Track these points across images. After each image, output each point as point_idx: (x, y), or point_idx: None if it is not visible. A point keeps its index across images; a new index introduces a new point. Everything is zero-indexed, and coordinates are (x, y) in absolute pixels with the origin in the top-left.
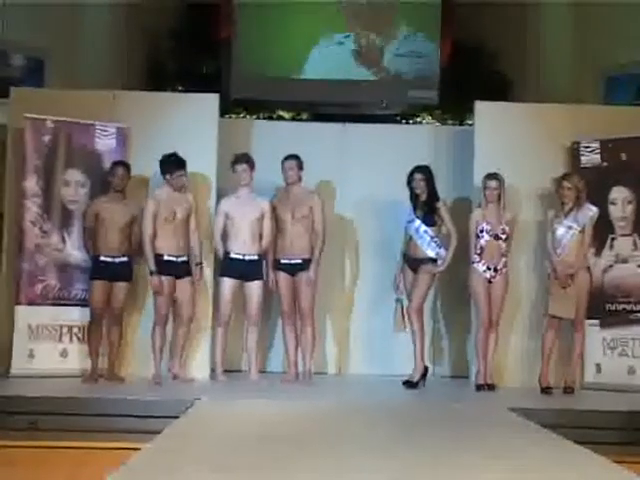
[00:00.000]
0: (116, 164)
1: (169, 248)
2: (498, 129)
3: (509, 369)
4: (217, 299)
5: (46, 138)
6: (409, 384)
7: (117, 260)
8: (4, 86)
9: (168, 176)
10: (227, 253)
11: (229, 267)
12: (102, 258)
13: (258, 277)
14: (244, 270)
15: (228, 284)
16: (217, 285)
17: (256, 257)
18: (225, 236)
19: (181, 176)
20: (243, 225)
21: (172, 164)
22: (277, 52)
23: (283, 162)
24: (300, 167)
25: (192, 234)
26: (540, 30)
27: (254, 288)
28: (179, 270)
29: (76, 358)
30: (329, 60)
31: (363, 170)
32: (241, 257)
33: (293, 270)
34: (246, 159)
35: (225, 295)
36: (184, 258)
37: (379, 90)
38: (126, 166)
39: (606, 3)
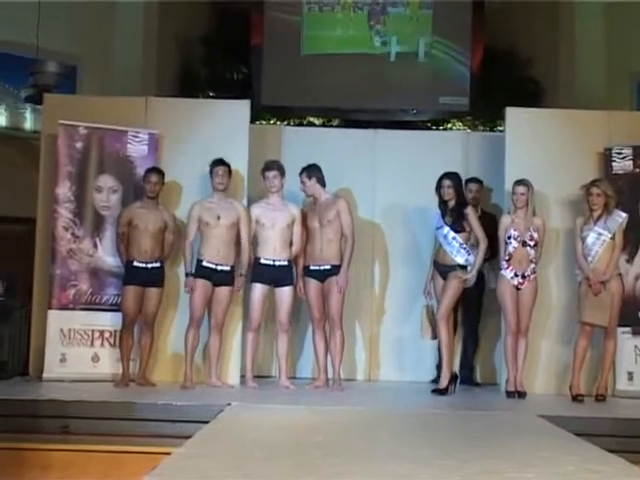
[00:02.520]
0: (150, 171)
1: (209, 255)
2: (529, 135)
3: (539, 376)
4: (247, 305)
5: (79, 144)
6: (438, 391)
7: (150, 266)
8: (38, 93)
9: (212, 176)
10: (257, 259)
11: (259, 273)
12: (135, 264)
13: (288, 283)
14: (274, 276)
15: (259, 290)
16: (247, 291)
17: (286, 263)
18: (255, 242)
19: (221, 175)
20: (274, 231)
21: (215, 162)
22: (307, 59)
23: (299, 174)
24: (309, 177)
25: (242, 244)
26: (573, 36)
27: (284, 294)
28: (216, 278)
29: (107, 363)
30: (360, 67)
31: (393, 176)
32: (271, 263)
33: (322, 276)
34: (277, 166)
35: (256, 301)
36: (224, 267)
37: (410, 96)
38: (160, 173)
39: None
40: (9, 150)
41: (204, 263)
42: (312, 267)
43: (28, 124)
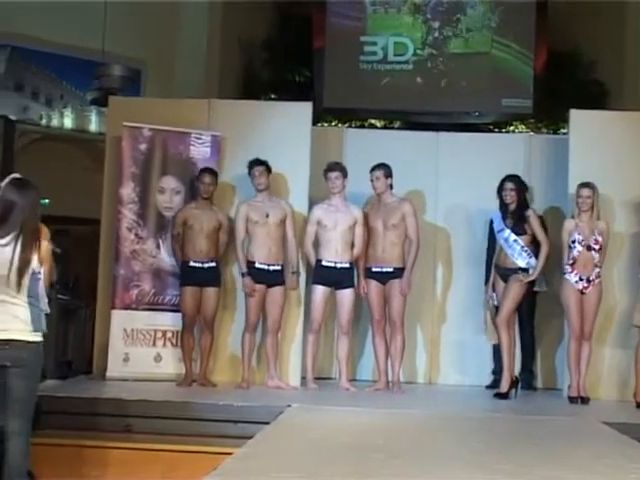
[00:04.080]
0: (203, 171)
1: (260, 256)
2: (593, 137)
3: (603, 382)
4: (308, 306)
5: (143, 146)
6: (499, 395)
7: (206, 265)
8: (104, 96)
9: (251, 178)
10: (319, 261)
11: (321, 275)
12: (191, 264)
13: (349, 285)
14: (336, 278)
15: (320, 291)
16: (307, 292)
17: (347, 265)
18: (317, 243)
19: (259, 175)
20: (335, 233)
21: (251, 163)
22: (368, 61)
23: (370, 172)
24: (387, 176)
25: (289, 241)
26: (639, 37)
27: (346, 296)
28: (270, 278)
29: (170, 362)
30: (421, 68)
31: (455, 179)
32: (333, 265)
33: (384, 278)
34: (339, 167)
35: (317, 302)
36: (276, 267)
37: (473, 98)
38: (213, 173)
39: None
40: (75, 152)
41: (257, 265)
42: (374, 269)
43: (93, 126)
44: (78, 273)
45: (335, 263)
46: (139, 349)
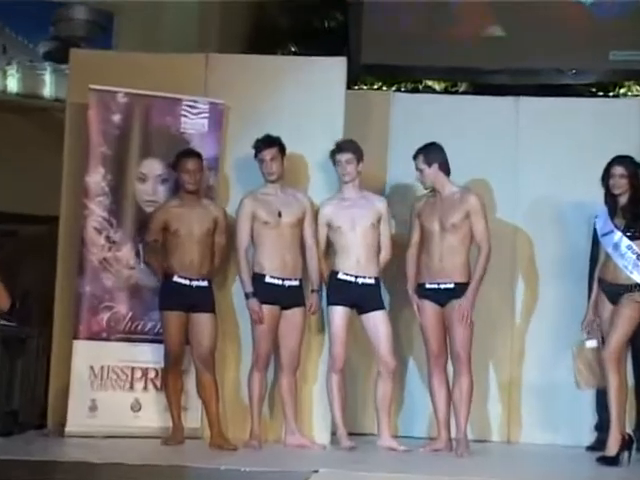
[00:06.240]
0: (184, 155)
1: (271, 267)
2: None
3: None
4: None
5: (116, 117)
6: (605, 459)
7: (195, 284)
8: (62, 48)
9: (259, 164)
10: (335, 273)
11: (339, 292)
12: (176, 279)
13: (379, 306)
14: (360, 296)
15: (339, 315)
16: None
17: (372, 281)
18: (332, 251)
19: (270, 160)
20: (354, 235)
21: (258, 144)
22: (425, 2)
23: (413, 159)
24: (429, 162)
25: (309, 248)
26: None
27: (378, 320)
28: (285, 298)
29: (152, 412)
30: (497, 12)
31: (542, 162)
32: (353, 279)
33: (443, 298)
34: (353, 147)
35: (337, 329)
36: (293, 282)
37: (567, 51)
38: (198, 157)
39: None
40: (23, 125)
41: (267, 279)
42: (428, 285)
43: (48, 90)
44: (27, 289)
45: (356, 277)
46: (111, 394)
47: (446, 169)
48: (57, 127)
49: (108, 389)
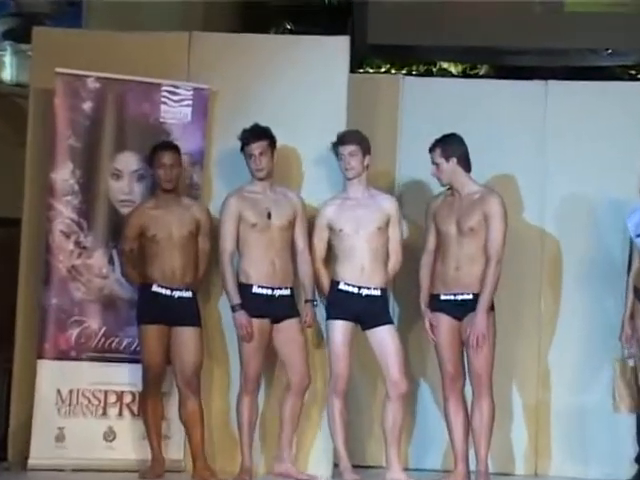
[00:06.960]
0: (159, 148)
1: (259, 276)
2: None
3: None
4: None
5: (87, 105)
6: None
7: (177, 294)
8: (24, 26)
9: (246, 158)
10: (336, 283)
11: (340, 304)
12: (155, 289)
13: (385, 320)
14: (363, 310)
15: (340, 330)
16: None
17: (379, 293)
18: (333, 257)
19: (259, 155)
20: (358, 239)
21: (245, 136)
22: None
23: (430, 150)
24: (447, 156)
25: (300, 254)
26: None
27: (385, 336)
28: (276, 309)
29: (128, 442)
30: None
31: (573, 154)
32: (356, 290)
33: (460, 311)
34: (357, 138)
35: (338, 347)
36: (284, 291)
37: (602, 30)
38: (175, 149)
39: None
40: None
41: (255, 289)
42: (443, 297)
43: (8, 73)
44: None
45: (359, 288)
46: (81, 421)
47: (466, 164)
48: (18, 116)
49: (78, 416)
